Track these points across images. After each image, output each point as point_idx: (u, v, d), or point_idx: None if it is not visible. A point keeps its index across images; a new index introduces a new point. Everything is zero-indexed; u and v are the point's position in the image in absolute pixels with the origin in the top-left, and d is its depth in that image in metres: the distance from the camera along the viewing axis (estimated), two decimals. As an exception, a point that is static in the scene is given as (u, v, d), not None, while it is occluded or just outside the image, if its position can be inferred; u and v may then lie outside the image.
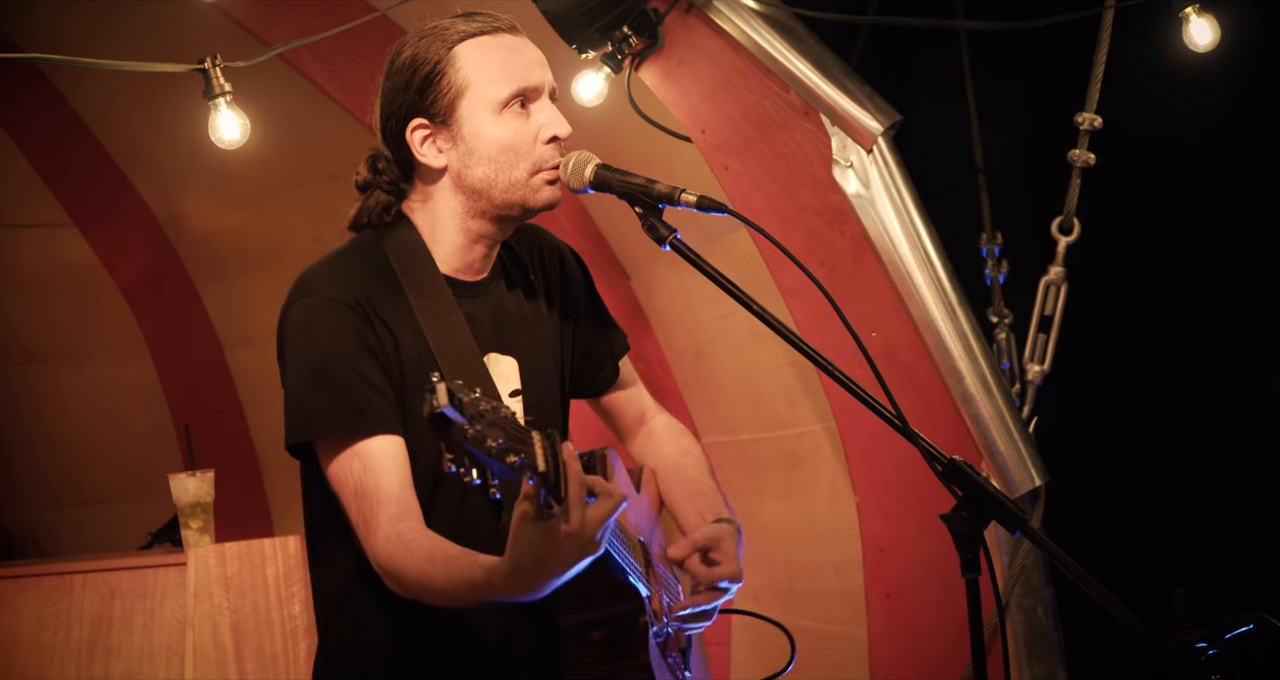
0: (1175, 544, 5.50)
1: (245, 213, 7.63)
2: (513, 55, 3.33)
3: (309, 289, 3.32)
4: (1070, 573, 2.97)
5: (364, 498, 3.16)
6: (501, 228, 3.38)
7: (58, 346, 7.82)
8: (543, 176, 3.30)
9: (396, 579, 3.11)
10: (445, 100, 3.31)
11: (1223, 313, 5.66)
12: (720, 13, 5.16)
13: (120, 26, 6.55)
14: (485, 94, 3.30)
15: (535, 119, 3.32)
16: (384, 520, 3.12)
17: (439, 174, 3.36)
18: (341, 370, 3.20)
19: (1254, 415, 5.56)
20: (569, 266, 3.65)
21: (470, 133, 3.31)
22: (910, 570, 5.37)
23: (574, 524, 2.75)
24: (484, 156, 3.31)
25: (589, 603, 3.27)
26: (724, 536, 3.46)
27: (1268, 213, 5.54)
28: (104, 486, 7.74)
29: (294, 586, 4.93)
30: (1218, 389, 5.62)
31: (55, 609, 4.93)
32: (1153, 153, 5.57)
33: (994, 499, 2.96)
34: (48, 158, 7.51)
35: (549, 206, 3.34)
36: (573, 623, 3.28)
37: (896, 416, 3.07)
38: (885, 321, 5.16)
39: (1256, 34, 5.35)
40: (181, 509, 4.93)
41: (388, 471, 3.17)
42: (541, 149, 3.31)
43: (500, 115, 3.30)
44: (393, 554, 3.09)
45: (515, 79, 3.30)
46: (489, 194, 3.31)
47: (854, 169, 5.11)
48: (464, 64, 3.31)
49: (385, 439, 3.19)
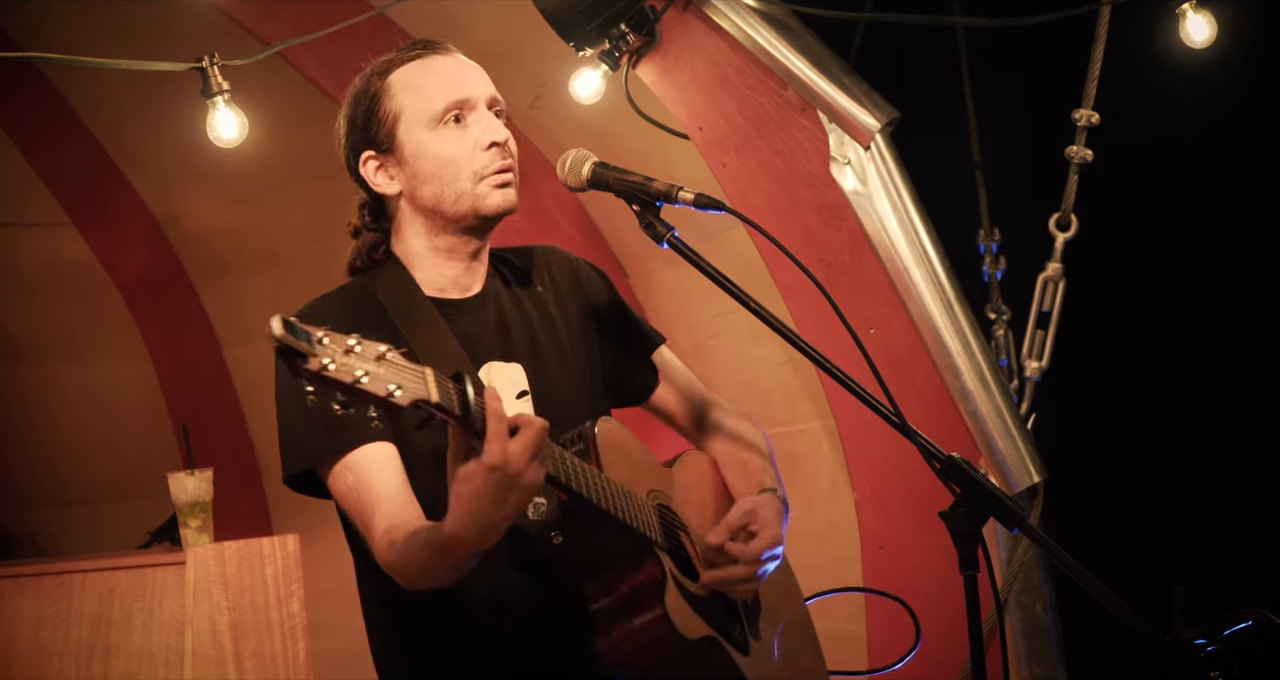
0: (1174, 541, 5.49)
1: (243, 211, 7.63)
2: (441, 74, 3.41)
3: None
4: (1069, 570, 2.97)
5: (361, 507, 3.21)
6: (467, 239, 3.43)
7: (56, 345, 7.82)
8: (489, 182, 3.35)
9: (397, 575, 3.14)
10: (385, 127, 3.41)
11: (1220, 309, 5.65)
12: (717, 9, 5.16)
13: (118, 25, 6.55)
14: (418, 113, 3.38)
15: (471, 130, 3.38)
16: (378, 522, 3.16)
17: (397, 200, 3.45)
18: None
19: (1252, 412, 5.56)
20: (583, 274, 3.68)
21: (411, 154, 3.39)
22: (909, 567, 5.37)
23: (495, 457, 2.77)
24: (427, 174, 3.38)
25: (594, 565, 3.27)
26: (760, 505, 3.49)
27: (1265, 209, 5.54)
28: (102, 485, 7.73)
29: (293, 586, 4.93)
30: (1216, 386, 5.62)
31: (54, 608, 4.92)
32: (1150, 149, 5.57)
33: (992, 496, 2.97)
34: (46, 156, 7.51)
35: (503, 212, 3.39)
36: (588, 590, 3.28)
37: (894, 414, 3.07)
38: (883, 318, 5.16)
39: (1253, 29, 5.34)
40: (180, 508, 4.93)
41: (374, 474, 3.21)
42: (481, 156, 3.36)
43: (436, 132, 3.38)
44: (386, 556, 3.13)
45: (444, 94, 3.38)
46: (440, 210, 3.38)
47: (851, 166, 5.11)
48: (397, 90, 3.41)
49: (371, 446, 3.24)
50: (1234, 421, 5.58)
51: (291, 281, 7.31)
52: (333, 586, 5.55)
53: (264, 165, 6.84)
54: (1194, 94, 5.44)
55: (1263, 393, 5.55)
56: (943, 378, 5.09)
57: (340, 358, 2.53)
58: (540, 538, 3.21)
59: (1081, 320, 5.55)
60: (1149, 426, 5.60)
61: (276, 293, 7.54)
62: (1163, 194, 5.67)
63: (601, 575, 3.28)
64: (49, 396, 7.80)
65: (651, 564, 3.27)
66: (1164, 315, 5.67)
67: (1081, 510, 5.45)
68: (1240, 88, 5.46)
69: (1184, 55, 5.26)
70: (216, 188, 7.56)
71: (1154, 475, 5.62)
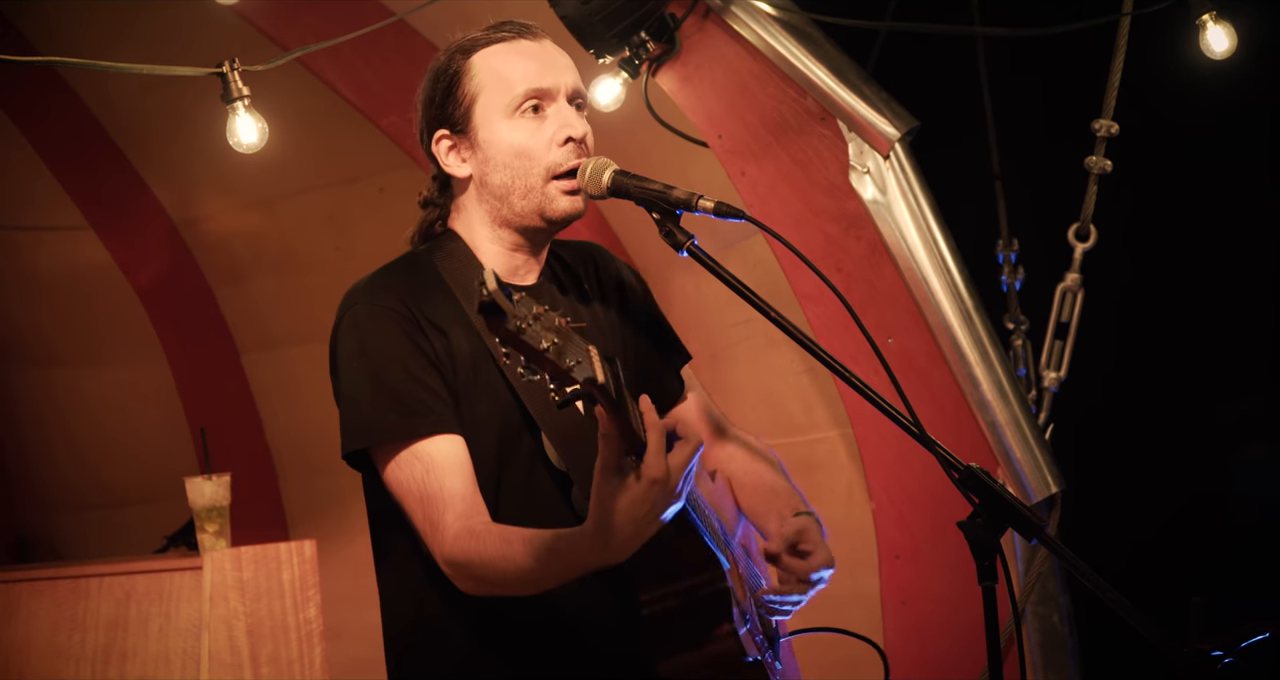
0: (1192, 551, 5.48)
1: (262, 216, 7.63)
2: (525, 60, 3.34)
3: (355, 300, 3.32)
4: (1086, 580, 2.97)
5: (429, 501, 3.14)
6: (531, 239, 3.39)
7: (74, 349, 7.83)
8: (558, 185, 3.30)
9: (470, 572, 3.09)
10: (462, 108, 3.34)
11: (1239, 321, 5.65)
12: (737, 18, 5.16)
13: (138, 29, 6.56)
14: (496, 99, 3.32)
15: (549, 122, 3.32)
16: (451, 519, 3.10)
17: (466, 183, 3.38)
18: (395, 374, 3.20)
19: (1272, 423, 5.55)
20: (625, 276, 3.66)
21: (485, 139, 3.33)
22: (926, 576, 5.36)
23: (657, 469, 2.75)
24: (499, 163, 3.32)
25: (667, 573, 3.24)
26: (808, 527, 3.47)
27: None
28: (120, 489, 7.74)
29: (309, 591, 4.93)
30: (1234, 395, 5.61)
31: (71, 612, 4.93)
32: (1169, 159, 5.56)
33: (1010, 506, 2.96)
34: (65, 161, 7.51)
35: (569, 218, 3.33)
36: (653, 596, 3.24)
37: (913, 423, 3.06)
38: (902, 327, 5.16)
39: (1275, 41, 5.34)
40: (197, 512, 4.93)
41: (451, 472, 3.15)
42: (556, 152, 3.31)
43: (512, 120, 3.32)
44: (464, 547, 3.06)
45: (524, 82, 3.31)
46: (509, 200, 3.31)
47: (871, 175, 5.10)
48: (478, 71, 3.34)
49: (445, 439, 3.18)
50: (1252, 432, 5.57)
51: (309, 287, 7.35)
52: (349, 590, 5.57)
53: (283, 170, 6.85)
54: (1214, 105, 5.43)
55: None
56: (961, 387, 5.09)
57: (531, 322, 2.52)
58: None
59: (1100, 331, 5.55)
60: (1167, 437, 5.59)
61: (294, 298, 7.57)
62: (1182, 204, 5.66)
63: (672, 583, 3.25)
64: (66, 400, 7.82)
65: (719, 577, 3.26)
66: (1182, 327, 5.67)
67: (1099, 520, 5.45)
68: (1261, 99, 5.45)
69: (1204, 65, 5.25)
70: (235, 193, 7.56)
71: (1172, 485, 5.62)
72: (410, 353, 3.22)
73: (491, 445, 3.24)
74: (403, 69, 5.97)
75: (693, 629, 3.24)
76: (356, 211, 7.19)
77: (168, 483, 5.74)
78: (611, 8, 5.03)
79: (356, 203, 7.20)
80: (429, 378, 3.21)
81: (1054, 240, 5.54)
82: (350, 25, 5.33)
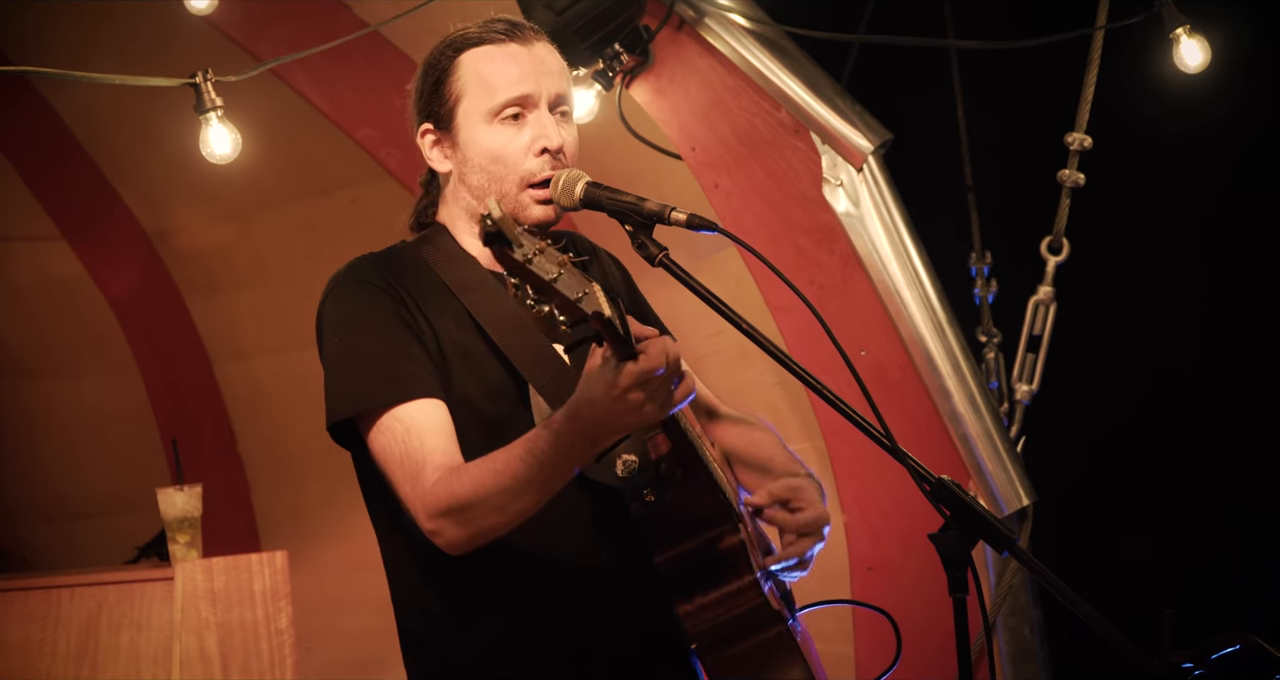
0: (1163, 564, 5.50)
1: (235, 227, 7.62)
2: (511, 65, 3.34)
3: (339, 279, 3.33)
4: (1057, 593, 2.97)
5: (409, 460, 3.12)
6: None
7: (46, 360, 7.80)
8: (532, 194, 3.29)
9: (453, 514, 3.05)
10: (447, 107, 3.35)
11: (1211, 334, 5.67)
12: (711, 30, 5.17)
13: (110, 39, 6.54)
14: (478, 103, 3.32)
15: (527, 130, 3.32)
16: (429, 472, 3.08)
17: (448, 178, 3.40)
18: (376, 344, 3.20)
19: (1242, 437, 5.57)
20: (604, 260, 3.66)
21: (465, 140, 3.34)
22: (897, 589, 5.36)
23: (655, 359, 2.80)
24: (476, 165, 3.33)
25: (682, 527, 3.20)
26: (803, 486, 3.46)
27: (1258, 233, 5.55)
28: (91, 500, 7.71)
29: (281, 601, 4.92)
30: (1205, 409, 5.63)
31: (42, 623, 4.91)
32: (1142, 173, 5.58)
33: (982, 519, 2.96)
34: (37, 170, 7.49)
35: (542, 226, 3.30)
36: (671, 554, 3.21)
37: (885, 435, 3.07)
38: (874, 340, 5.16)
39: (1247, 55, 5.36)
40: (169, 523, 4.92)
41: (432, 432, 3.13)
42: (531, 161, 3.30)
43: (491, 125, 3.32)
44: (445, 487, 3.05)
45: (506, 90, 3.31)
46: (485, 202, 3.31)
47: (844, 187, 5.11)
48: (464, 72, 3.34)
49: (428, 402, 3.17)
50: (1223, 446, 5.58)
51: (282, 298, 7.33)
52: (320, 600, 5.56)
53: (256, 182, 6.83)
54: (1186, 119, 5.45)
55: (1252, 417, 5.56)
56: (933, 400, 5.09)
57: (536, 255, 2.55)
58: (632, 494, 3.17)
59: (1072, 344, 5.56)
60: (1138, 450, 5.61)
61: (267, 309, 7.55)
62: (1155, 218, 5.68)
63: (690, 538, 3.21)
64: (38, 411, 7.78)
65: (733, 533, 3.22)
66: (1154, 339, 5.69)
67: (1070, 533, 5.46)
68: (1234, 113, 5.47)
69: (1177, 79, 5.26)
70: (208, 204, 7.54)
71: (1143, 498, 5.63)
72: (392, 323, 3.22)
73: (483, 421, 3.23)
74: (375, 81, 5.97)
75: (713, 578, 3.22)
76: (329, 223, 7.17)
77: (139, 493, 5.73)
78: (585, 19, 5.04)
79: (329, 214, 7.18)
80: (409, 346, 3.20)
81: (1027, 253, 5.56)
82: (324, 36, 5.33)
